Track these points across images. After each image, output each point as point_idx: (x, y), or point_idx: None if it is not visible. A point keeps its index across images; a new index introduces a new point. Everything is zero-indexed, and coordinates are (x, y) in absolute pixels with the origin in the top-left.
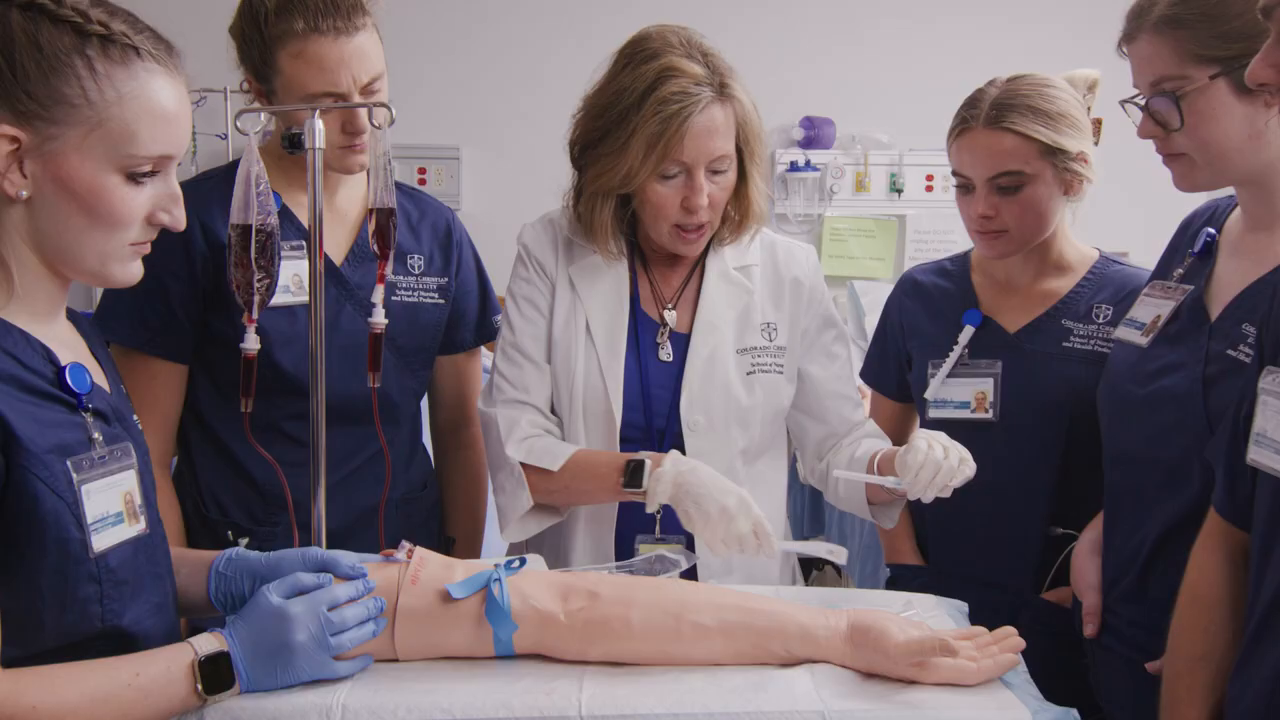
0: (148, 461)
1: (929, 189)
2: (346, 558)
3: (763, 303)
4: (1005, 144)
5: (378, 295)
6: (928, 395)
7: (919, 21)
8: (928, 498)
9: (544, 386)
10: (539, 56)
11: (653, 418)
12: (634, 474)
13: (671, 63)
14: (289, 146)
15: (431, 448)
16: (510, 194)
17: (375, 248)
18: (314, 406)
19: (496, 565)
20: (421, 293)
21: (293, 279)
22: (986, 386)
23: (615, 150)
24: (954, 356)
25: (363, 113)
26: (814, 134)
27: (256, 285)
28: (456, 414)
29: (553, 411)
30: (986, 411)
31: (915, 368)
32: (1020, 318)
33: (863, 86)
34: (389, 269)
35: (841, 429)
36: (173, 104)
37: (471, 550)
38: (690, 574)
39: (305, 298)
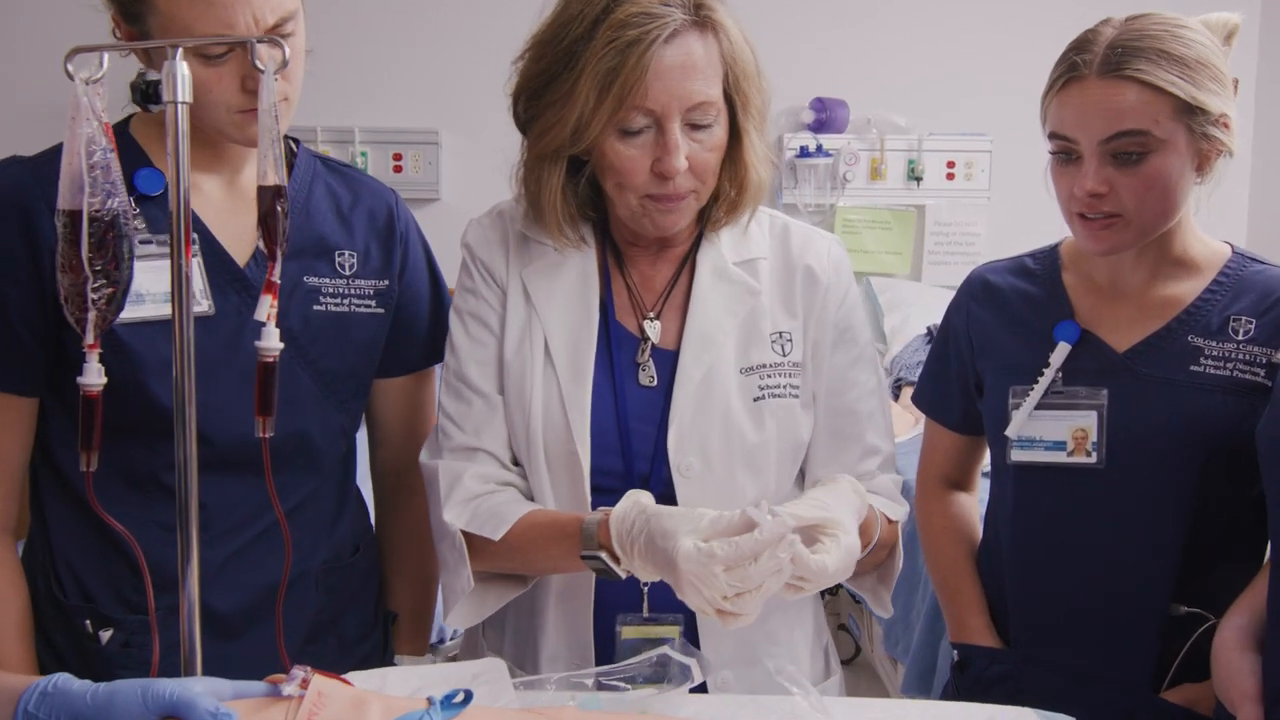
0: None
1: (950, 177)
2: (206, 696)
3: (773, 307)
4: (1128, 98)
5: (264, 309)
6: (1010, 433)
7: None
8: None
9: (500, 426)
10: (526, 31)
11: (633, 461)
12: (588, 539)
13: None
14: (142, 100)
15: (372, 496)
16: (494, 183)
17: (261, 242)
18: (180, 454)
19: (430, 701)
20: (354, 300)
21: None
22: (1088, 422)
23: (562, 96)
24: (1044, 383)
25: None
26: (825, 117)
27: (92, 296)
28: (403, 454)
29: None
30: (1088, 455)
31: (990, 395)
32: (1131, 332)
33: (879, 65)
34: (277, 271)
35: None
36: None
37: (420, 629)
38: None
39: (196, 308)
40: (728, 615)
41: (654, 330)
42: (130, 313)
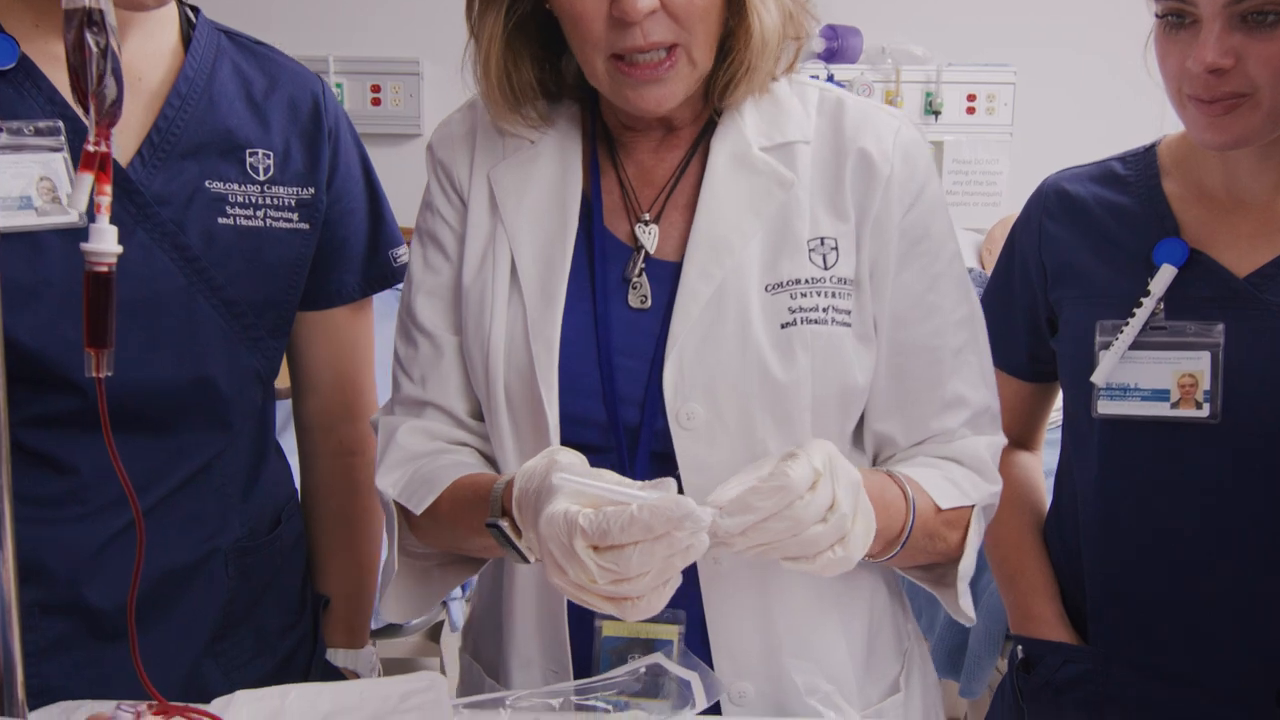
0: None
1: (970, 111)
2: None
3: (814, 205)
4: None
5: (82, 192)
6: (1097, 379)
7: None
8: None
9: (450, 372)
10: None
11: (618, 407)
12: (494, 503)
13: None
14: None
15: (298, 456)
16: None
17: (74, 99)
18: None
19: None
20: (271, 212)
21: (38, 185)
22: (1198, 365)
23: None
24: (1142, 315)
25: None
26: (837, 45)
27: None
28: (334, 403)
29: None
30: (1198, 407)
31: (1069, 332)
32: (1255, 252)
33: None
34: (94, 136)
35: (908, 439)
36: None
37: (357, 617)
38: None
39: (63, 218)
40: (619, 601)
41: (649, 236)
42: None
